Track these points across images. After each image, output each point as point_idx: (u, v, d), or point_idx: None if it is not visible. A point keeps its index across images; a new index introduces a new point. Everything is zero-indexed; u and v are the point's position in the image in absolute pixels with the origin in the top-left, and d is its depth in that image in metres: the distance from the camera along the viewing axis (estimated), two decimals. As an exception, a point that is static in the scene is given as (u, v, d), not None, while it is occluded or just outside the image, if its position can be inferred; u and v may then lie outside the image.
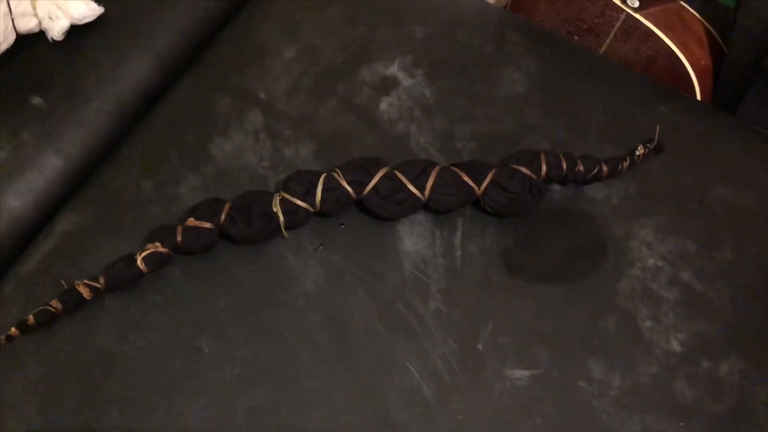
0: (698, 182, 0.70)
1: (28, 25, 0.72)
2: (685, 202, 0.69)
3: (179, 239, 0.61)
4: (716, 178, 0.70)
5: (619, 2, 0.88)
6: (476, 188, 0.64)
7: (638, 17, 0.88)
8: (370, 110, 0.72)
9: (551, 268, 0.65)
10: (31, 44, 0.73)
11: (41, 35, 0.73)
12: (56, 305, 0.59)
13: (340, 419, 0.58)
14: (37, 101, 0.70)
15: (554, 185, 0.68)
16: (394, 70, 0.75)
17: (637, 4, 0.88)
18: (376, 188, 0.63)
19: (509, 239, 0.66)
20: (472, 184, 0.64)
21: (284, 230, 0.63)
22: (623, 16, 0.89)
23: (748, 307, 0.64)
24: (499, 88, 0.74)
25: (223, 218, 0.62)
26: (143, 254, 0.60)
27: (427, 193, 0.64)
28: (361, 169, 0.64)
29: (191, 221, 0.62)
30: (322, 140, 0.70)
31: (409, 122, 0.72)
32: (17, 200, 0.67)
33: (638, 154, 0.69)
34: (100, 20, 0.74)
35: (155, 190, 0.67)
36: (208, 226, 0.62)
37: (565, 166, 0.65)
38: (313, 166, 0.68)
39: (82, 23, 0.73)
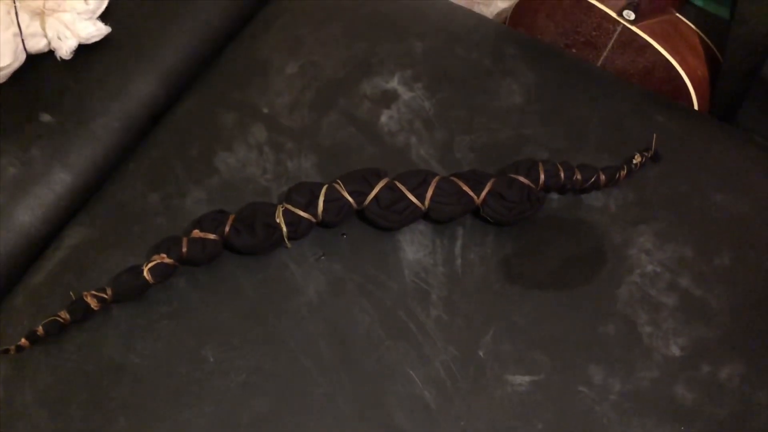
0: (696, 190, 0.70)
1: (38, 45, 0.74)
2: (682, 209, 0.69)
3: (185, 250, 0.62)
4: (713, 185, 0.71)
5: (615, 15, 0.89)
6: (475, 197, 0.65)
7: (634, 29, 0.89)
8: (370, 123, 0.73)
9: (551, 275, 0.65)
10: (40, 63, 0.75)
11: (50, 55, 0.75)
12: (65, 316, 0.60)
13: (343, 426, 0.58)
14: (46, 118, 0.72)
15: (553, 194, 0.69)
16: (394, 83, 0.76)
17: (633, 16, 0.88)
18: (376, 198, 0.64)
19: (509, 247, 0.66)
20: (471, 193, 0.65)
21: (287, 241, 0.64)
22: (619, 28, 0.89)
23: (747, 311, 0.64)
24: (497, 99, 0.75)
25: (227, 229, 0.63)
26: (149, 265, 0.61)
27: (427, 202, 0.65)
28: (362, 180, 0.65)
29: (196, 233, 0.63)
30: (323, 152, 0.71)
31: (409, 134, 0.73)
32: (27, 215, 0.68)
33: (635, 162, 0.69)
34: (107, 39, 0.76)
35: (161, 203, 0.68)
36: (212, 237, 0.63)
37: (563, 175, 0.66)
38: (315, 177, 0.69)
39: (89, 43, 0.75)
